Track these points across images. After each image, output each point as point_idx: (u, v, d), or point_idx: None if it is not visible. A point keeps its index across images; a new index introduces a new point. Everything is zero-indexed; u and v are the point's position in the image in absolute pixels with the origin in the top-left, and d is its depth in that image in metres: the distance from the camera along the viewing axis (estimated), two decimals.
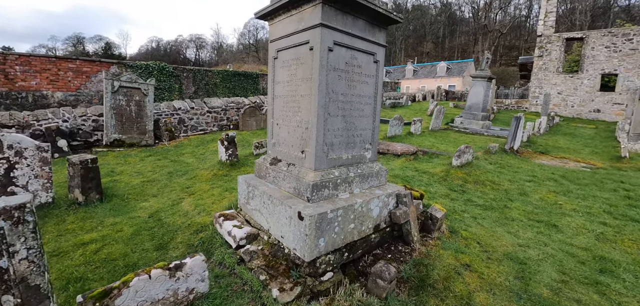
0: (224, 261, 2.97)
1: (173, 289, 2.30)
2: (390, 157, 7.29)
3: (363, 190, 3.02)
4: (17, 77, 12.43)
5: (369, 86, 3.04)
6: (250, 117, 11.27)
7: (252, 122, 11.42)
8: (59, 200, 4.38)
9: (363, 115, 3.04)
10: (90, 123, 7.62)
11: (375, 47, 2.98)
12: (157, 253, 3.20)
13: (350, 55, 2.79)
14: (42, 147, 4.15)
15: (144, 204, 4.53)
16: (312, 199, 2.61)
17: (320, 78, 2.58)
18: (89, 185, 4.40)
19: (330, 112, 2.73)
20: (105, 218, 4.00)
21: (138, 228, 3.72)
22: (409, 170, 6.03)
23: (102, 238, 3.45)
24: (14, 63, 12.35)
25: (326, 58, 2.58)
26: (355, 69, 2.86)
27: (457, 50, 62.07)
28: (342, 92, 2.80)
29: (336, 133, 2.82)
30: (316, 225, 2.42)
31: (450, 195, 4.73)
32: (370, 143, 3.17)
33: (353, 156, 3.00)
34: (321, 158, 2.71)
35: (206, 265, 2.42)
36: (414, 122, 10.69)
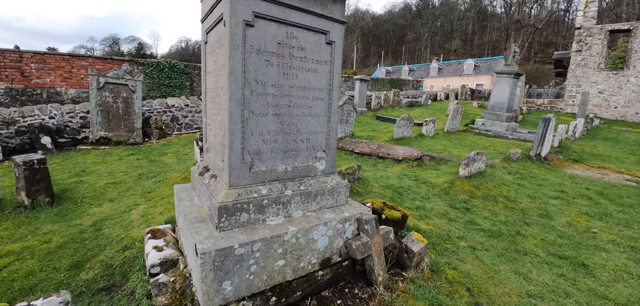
0: (135, 292, 2.38)
1: None
2: (389, 162, 6.42)
3: (308, 212, 2.29)
4: (32, 75, 12.81)
5: (320, 75, 2.29)
6: None
7: None
8: (7, 202, 4.03)
9: (311, 114, 2.30)
10: (78, 120, 7.42)
11: (327, 23, 2.23)
12: (67, 274, 2.67)
13: (284, 32, 2.07)
14: None
15: (95, 210, 4.07)
16: (222, 226, 1.92)
17: (234, 64, 1.89)
18: (36, 187, 4.00)
19: (254, 109, 2.03)
20: (43, 225, 3.57)
21: (68, 240, 3.23)
22: (407, 179, 5.17)
23: (21, 250, 3.00)
24: (29, 61, 12.73)
25: (242, 36, 1.88)
26: (294, 52, 2.13)
27: (487, 47, 58.57)
28: (274, 82, 2.08)
29: (266, 138, 2.11)
30: (214, 265, 1.74)
31: (449, 214, 3.85)
32: (324, 151, 2.43)
33: (295, 168, 2.28)
34: (239, 171, 2.01)
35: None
36: (426, 123, 9.67)
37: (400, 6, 71.97)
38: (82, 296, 2.39)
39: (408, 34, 66.91)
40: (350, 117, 9.14)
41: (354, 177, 4.50)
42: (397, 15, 71.55)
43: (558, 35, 53.85)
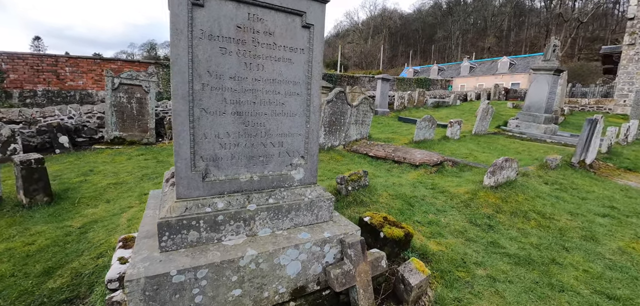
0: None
1: None
2: (405, 167, 5.86)
3: (279, 231, 1.90)
4: (66, 78, 13.62)
5: (295, 66, 1.90)
6: None
7: None
8: (8, 200, 4.04)
9: (283, 113, 1.91)
10: (95, 120, 7.59)
11: (302, 2, 1.83)
12: (36, 280, 2.51)
13: (245, 14, 1.69)
14: None
15: (89, 211, 3.96)
16: (164, 246, 1.59)
17: (177, 53, 1.55)
18: (34, 186, 3.97)
19: (208, 106, 1.67)
20: (33, 226, 3.49)
21: (51, 243, 3.10)
22: (422, 188, 4.61)
23: (3, 252, 2.90)
24: (64, 65, 13.54)
25: (186, 18, 1.54)
26: (259, 37, 1.76)
27: (525, 44, 54.70)
28: (233, 74, 1.72)
29: (225, 141, 1.75)
30: (145, 296, 1.40)
31: (468, 232, 3.27)
32: (302, 157, 2.03)
33: (264, 177, 1.89)
34: (189, 181, 1.67)
35: None
36: (451, 124, 8.91)
37: (429, 4, 69.48)
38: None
39: (438, 32, 64.36)
40: (367, 118, 8.63)
41: (358, 184, 4.05)
42: (426, 13, 69.11)
43: (606, 30, 49.03)
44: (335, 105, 7.25)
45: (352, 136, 8.10)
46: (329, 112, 7.14)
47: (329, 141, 7.28)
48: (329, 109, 7.12)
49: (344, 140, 7.76)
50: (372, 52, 65.61)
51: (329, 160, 6.47)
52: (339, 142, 7.63)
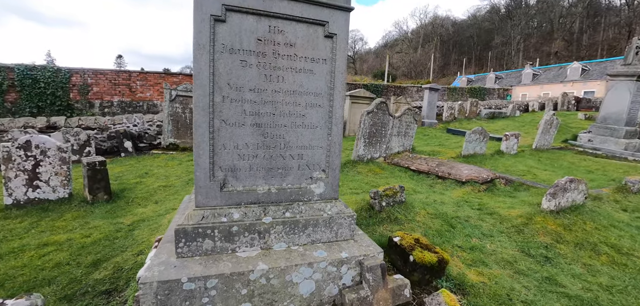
0: (127, 301, 2.29)
1: None
2: (450, 183, 5.42)
3: (294, 246, 1.84)
4: (137, 90, 15.45)
5: (317, 77, 1.85)
6: None
7: None
8: (76, 196, 4.63)
9: (304, 125, 1.87)
10: (155, 128, 8.42)
11: (325, 12, 1.79)
12: (84, 271, 2.78)
13: (266, 26, 1.70)
14: (62, 148, 4.43)
15: (139, 210, 4.35)
16: (180, 252, 1.63)
17: (199, 67, 1.60)
18: (97, 185, 4.49)
19: (227, 118, 1.70)
20: (92, 220, 3.93)
21: (103, 237, 3.45)
22: (467, 208, 4.20)
23: (64, 242, 3.30)
24: (136, 79, 15.40)
25: (209, 34, 1.59)
26: (280, 49, 1.75)
27: (601, 47, 47.96)
28: (253, 86, 1.73)
29: (243, 152, 1.76)
30: (157, 299, 1.44)
31: (518, 263, 2.85)
32: (322, 170, 1.95)
33: (282, 190, 1.86)
34: (208, 190, 1.70)
35: None
36: (506, 137, 8.07)
37: (486, 9, 64.98)
38: (85, 295, 2.40)
39: (495, 38, 59.74)
40: (410, 130, 8.24)
41: (393, 200, 3.82)
42: (482, 18, 64.71)
43: None
44: (376, 116, 7.05)
45: (393, 148, 7.79)
46: (369, 123, 6.96)
47: (369, 153, 7.08)
48: (369, 120, 6.94)
49: (385, 152, 7.49)
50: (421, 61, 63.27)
51: (367, 172, 6.28)
52: (380, 154, 7.38)
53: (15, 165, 4.14)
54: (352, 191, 4.93)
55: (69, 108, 13.53)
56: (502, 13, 62.15)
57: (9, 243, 3.25)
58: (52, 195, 4.36)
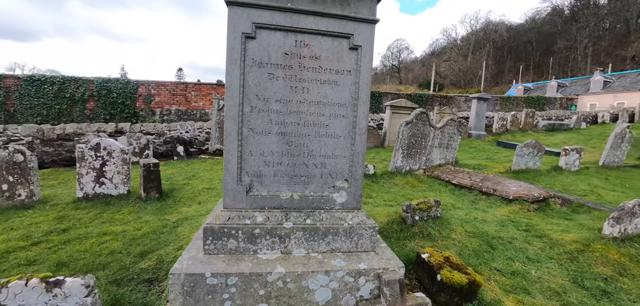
0: (164, 291, 2.53)
1: (52, 305, 2.01)
2: (495, 200, 5.02)
3: (314, 253, 1.88)
4: (191, 100, 16.92)
5: (341, 88, 1.90)
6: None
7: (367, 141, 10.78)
8: (134, 194, 5.20)
9: (327, 135, 1.92)
10: (204, 135, 9.12)
11: (350, 25, 1.83)
12: (132, 259, 3.10)
13: (293, 41, 1.80)
14: (124, 150, 5.04)
15: (184, 209, 4.75)
16: (207, 249, 1.77)
17: (231, 80, 1.75)
18: (150, 185, 5.00)
19: (255, 127, 1.82)
20: (144, 215, 4.38)
21: (151, 231, 3.82)
22: (512, 228, 3.86)
23: (120, 233, 3.72)
24: (191, 89, 16.89)
25: (240, 50, 1.73)
26: (305, 62, 1.83)
27: None
28: (279, 97, 1.83)
29: (268, 159, 1.86)
30: (183, 290, 1.58)
31: (568, 295, 2.54)
32: (345, 180, 1.98)
33: (304, 197, 1.92)
34: (235, 193, 1.83)
35: (87, 291, 2.01)
36: (566, 152, 7.25)
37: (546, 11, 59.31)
38: (131, 282, 2.69)
39: (557, 42, 54.09)
40: (453, 141, 7.83)
41: (428, 214, 3.66)
42: (542, 22, 59.10)
43: None
44: (416, 127, 6.84)
45: (434, 160, 7.45)
46: (408, 134, 6.77)
47: (407, 164, 6.86)
48: (408, 131, 6.75)
49: (424, 164, 7.20)
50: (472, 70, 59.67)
51: (404, 184, 6.10)
52: (419, 166, 7.11)
53: (87, 164, 4.81)
54: (386, 203, 4.83)
55: (135, 116, 15.26)
56: (565, 15, 56.22)
57: (77, 230, 3.78)
58: (114, 191, 4.97)
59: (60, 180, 6.67)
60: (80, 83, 14.18)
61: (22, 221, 4.15)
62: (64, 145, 7.78)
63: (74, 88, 13.99)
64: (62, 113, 13.71)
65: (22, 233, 3.73)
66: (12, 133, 7.46)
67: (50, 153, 7.64)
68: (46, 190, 5.83)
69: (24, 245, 3.40)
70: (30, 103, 13.06)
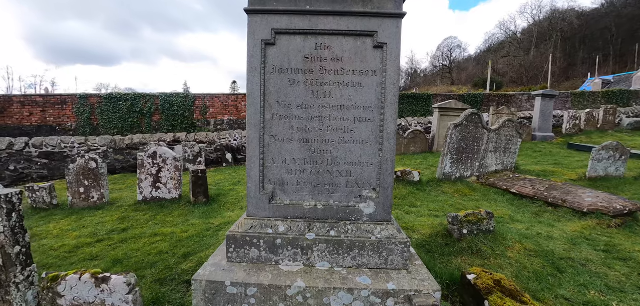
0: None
1: (100, 299, 2.20)
2: (564, 213, 4.32)
3: (338, 267, 1.75)
4: (242, 109, 17.93)
5: (366, 90, 1.77)
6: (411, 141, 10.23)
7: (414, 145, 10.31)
8: (185, 197, 5.60)
9: (352, 140, 1.80)
10: None
11: (373, 22, 1.70)
12: (176, 260, 3.30)
13: (313, 44, 1.73)
14: (177, 158, 5.47)
15: (227, 213, 4.96)
16: (230, 257, 1.76)
17: (251, 87, 1.74)
18: (198, 190, 5.34)
19: (276, 134, 1.78)
20: (191, 219, 4.68)
21: (196, 234, 4.05)
22: (586, 248, 3.26)
23: (169, 234, 4.01)
24: (241, 100, 17.93)
25: (260, 57, 1.71)
26: (327, 65, 1.74)
27: None
28: (300, 103, 1.76)
29: (291, 167, 1.80)
30: (205, 297, 1.58)
31: None
32: (373, 189, 1.83)
33: (328, 207, 1.82)
34: (258, 201, 1.80)
35: (128, 289, 2.15)
36: None
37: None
38: (172, 282, 2.84)
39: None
40: (512, 145, 7.01)
41: (478, 228, 3.27)
42: (622, 4, 50.51)
43: None
44: (466, 130, 6.28)
45: (489, 166, 6.74)
46: (458, 138, 6.23)
47: (457, 171, 6.31)
48: (457, 134, 6.22)
49: (478, 170, 6.56)
50: (536, 64, 53.45)
51: (454, 193, 5.61)
52: (471, 173, 6.49)
53: (145, 170, 5.32)
54: (431, 213, 4.46)
55: (193, 126, 16.68)
56: None
57: (134, 230, 4.17)
58: (168, 195, 5.40)
59: (127, 184, 7.53)
60: (148, 99, 15.98)
61: (92, 220, 4.73)
62: (132, 154, 8.78)
63: (143, 103, 15.80)
64: (134, 126, 15.56)
65: (90, 231, 4.25)
66: (92, 143, 8.66)
67: (120, 161, 8.69)
68: (115, 193, 6.61)
69: (90, 242, 3.85)
70: (109, 118, 15.09)
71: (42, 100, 14.74)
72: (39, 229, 4.52)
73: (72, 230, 4.35)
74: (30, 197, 5.40)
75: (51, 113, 14.69)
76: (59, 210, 5.36)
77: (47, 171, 8.48)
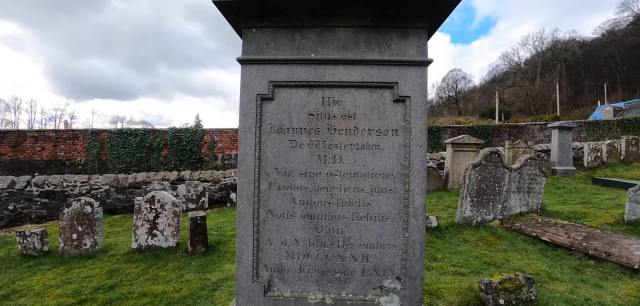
0: None
1: None
2: (611, 269, 3.76)
3: None
4: None
5: (384, 153, 1.42)
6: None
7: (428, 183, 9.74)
8: (182, 244, 5.20)
9: (369, 216, 1.42)
10: None
11: (393, 71, 1.39)
12: None
13: (319, 98, 1.41)
14: (175, 203, 5.15)
15: (227, 266, 4.51)
16: None
17: (244, 151, 1.42)
18: (196, 238, 4.95)
19: (274, 208, 1.42)
20: (187, 273, 4.25)
21: (190, 294, 3.58)
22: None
23: (159, 294, 3.57)
24: None
25: (255, 115, 1.40)
26: (336, 123, 1.41)
27: None
28: (304, 170, 1.42)
29: (292, 250, 1.43)
30: None
31: None
32: (397, 278, 1.43)
33: (340, 301, 1.41)
34: (249, 293, 1.41)
35: None
36: None
37: (627, 21, 50.65)
38: None
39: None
40: (536, 185, 6.50)
41: (516, 297, 2.77)
42: (624, 33, 50.44)
43: None
44: (486, 169, 5.84)
45: (513, 208, 6.20)
46: (477, 179, 5.78)
47: (479, 214, 5.79)
48: (477, 175, 5.77)
49: (500, 213, 6.02)
50: (542, 93, 53.04)
51: (477, 241, 5.08)
52: (494, 216, 5.96)
53: (142, 216, 4.99)
54: (456, 270, 3.93)
55: (200, 161, 16.57)
56: None
57: (121, 288, 3.76)
58: (164, 243, 5.02)
59: (125, 226, 7.19)
60: (157, 134, 16.07)
61: (80, 273, 4.34)
62: (134, 193, 8.54)
63: (152, 138, 15.87)
64: (142, 161, 15.53)
65: (74, 288, 3.85)
66: (94, 182, 8.47)
67: (122, 200, 8.43)
68: (111, 237, 6.26)
69: (71, 304, 3.45)
70: (118, 153, 15.12)
71: (54, 135, 14.95)
72: (22, 283, 4.16)
73: (56, 286, 3.96)
74: (21, 243, 5.10)
75: (62, 148, 14.82)
76: (48, 257, 5.02)
77: (46, 211, 8.26)
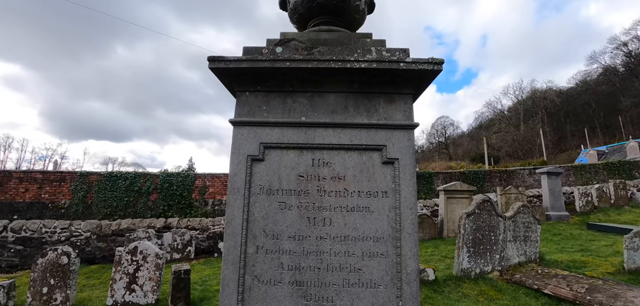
0: None
1: None
2: None
3: None
4: None
5: (375, 216, 1.39)
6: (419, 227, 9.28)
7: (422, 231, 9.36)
8: (162, 301, 4.84)
9: (360, 283, 1.35)
10: None
11: (381, 134, 1.41)
12: None
13: (309, 160, 1.41)
14: (158, 255, 4.90)
15: None
16: None
17: (232, 212, 1.38)
18: (178, 294, 4.63)
19: (261, 274, 1.35)
20: None
21: None
22: None
23: None
24: None
25: (245, 176, 1.39)
26: (326, 185, 1.40)
27: None
28: (293, 233, 1.37)
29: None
30: None
31: None
32: None
33: None
34: None
35: None
36: None
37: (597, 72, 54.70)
38: None
39: (622, 100, 48.18)
40: (531, 233, 6.44)
41: None
42: (595, 83, 54.11)
43: None
44: (479, 218, 5.80)
45: (511, 258, 6.06)
46: (472, 228, 5.71)
47: (476, 265, 5.63)
48: (471, 224, 5.71)
49: (499, 263, 5.87)
50: (528, 138, 55.03)
51: (477, 295, 4.87)
52: (492, 267, 5.79)
53: (121, 268, 4.70)
54: None
55: (190, 206, 16.12)
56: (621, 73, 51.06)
57: None
58: (143, 300, 4.67)
59: (102, 279, 6.73)
60: (147, 178, 15.74)
61: None
62: (117, 241, 8.14)
63: (142, 182, 15.50)
64: (129, 205, 15.02)
65: None
66: (75, 229, 8.09)
67: (102, 249, 8.00)
68: (85, 291, 5.83)
69: None
70: (104, 196, 14.62)
71: (41, 177, 14.49)
72: None
73: None
74: None
75: (47, 190, 14.29)
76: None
77: (18, 259, 7.74)
